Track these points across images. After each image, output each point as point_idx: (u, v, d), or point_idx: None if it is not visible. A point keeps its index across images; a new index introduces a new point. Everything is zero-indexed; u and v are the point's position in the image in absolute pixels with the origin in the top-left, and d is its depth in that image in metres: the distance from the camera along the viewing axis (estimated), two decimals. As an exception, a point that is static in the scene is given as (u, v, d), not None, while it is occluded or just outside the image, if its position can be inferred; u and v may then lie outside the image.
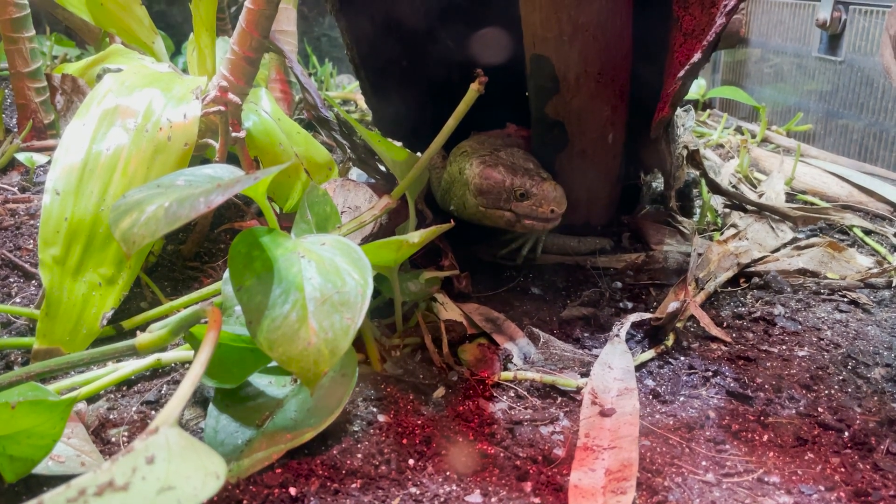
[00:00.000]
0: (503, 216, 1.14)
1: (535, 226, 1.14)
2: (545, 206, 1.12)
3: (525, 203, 1.12)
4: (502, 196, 1.13)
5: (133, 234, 0.64)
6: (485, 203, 1.14)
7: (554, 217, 1.12)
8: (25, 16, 1.30)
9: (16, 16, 1.29)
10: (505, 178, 1.13)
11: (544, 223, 1.13)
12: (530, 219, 1.13)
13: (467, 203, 1.18)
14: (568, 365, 1.03)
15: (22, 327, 0.98)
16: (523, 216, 1.13)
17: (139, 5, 1.53)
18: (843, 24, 1.85)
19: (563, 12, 1.11)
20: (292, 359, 0.71)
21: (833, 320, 1.15)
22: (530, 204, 1.12)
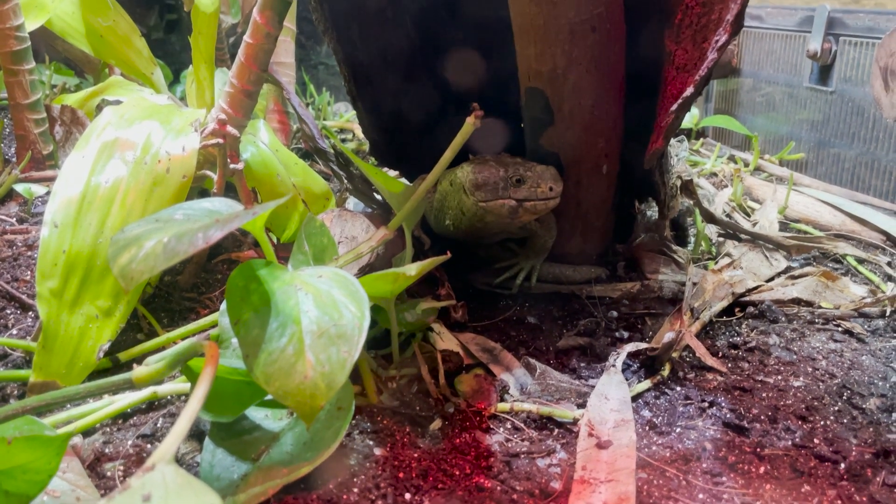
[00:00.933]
0: (504, 206, 1.14)
1: (537, 207, 1.14)
2: (542, 184, 1.13)
3: (522, 187, 1.13)
4: (499, 185, 1.14)
5: (131, 269, 0.64)
6: (483, 197, 1.14)
7: (553, 195, 1.14)
8: (26, 48, 1.32)
9: (16, 48, 1.30)
10: (498, 169, 1.14)
11: (545, 202, 1.14)
12: (531, 201, 1.13)
13: (465, 207, 1.18)
14: (564, 396, 1.03)
15: (18, 359, 0.98)
16: (524, 200, 1.13)
17: (139, 37, 1.55)
18: (834, 55, 1.88)
19: (557, 47, 1.13)
20: (289, 393, 0.71)
21: (828, 350, 1.15)
22: (528, 187, 1.13)
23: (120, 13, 1.53)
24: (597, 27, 1.10)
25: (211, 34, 1.17)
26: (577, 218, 1.32)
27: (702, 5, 1.04)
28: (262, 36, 1.05)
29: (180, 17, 3.05)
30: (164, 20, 3.05)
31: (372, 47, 1.33)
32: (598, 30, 1.10)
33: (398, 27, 1.33)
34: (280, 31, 1.08)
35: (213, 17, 1.15)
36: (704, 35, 1.03)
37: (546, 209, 1.16)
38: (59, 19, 1.49)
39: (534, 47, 1.14)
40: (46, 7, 1.38)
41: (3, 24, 1.28)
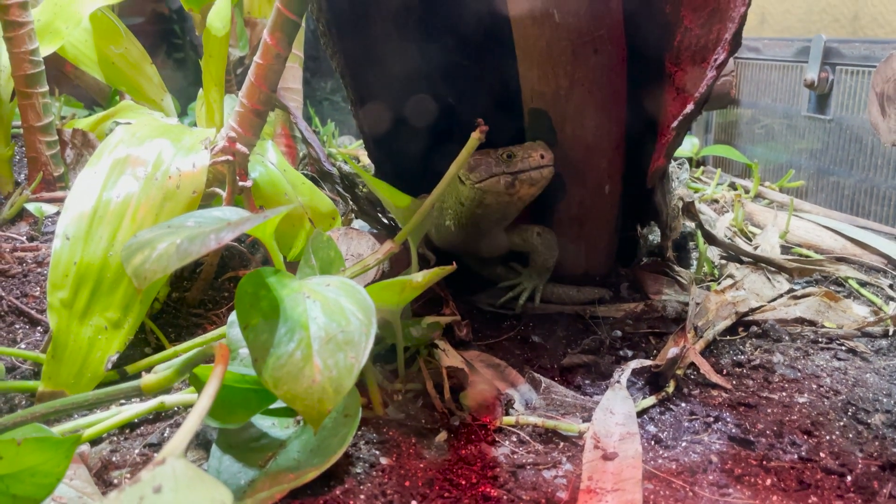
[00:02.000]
0: (499, 181, 1.15)
1: (532, 176, 1.15)
2: (533, 154, 1.15)
3: (514, 161, 1.15)
4: (491, 164, 1.16)
5: (145, 269, 0.65)
6: (478, 177, 1.16)
7: (546, 162, 1.15)
8: (40, 72, 1.35)
9: (30, 72, 1.33)
10: (488, 152, 1.16)
11: (539, 171, 1.15)
12: (525, 171, 1.15)
13: (462, 196, 1.20)
14: (569, 410, 1.03)
15: (27, 372, 0.99)
16: (518, 172, 1.15)
17: (149, 64, 1.58)
18: (831, 84, 1.91)
19: (559, 68, 1.15)
20: (297, 396, 0.71)
21: (832, 368, 1.16)
22: (519, 159, 1.15)
23: (132, 41, 1.56)
24: (598, 49, 1.13)
25: (222, 57, 1.20)
26: (580, 238, 1.34)
27: (700, 26, 1.07)
28: (271, 57, 1.08)
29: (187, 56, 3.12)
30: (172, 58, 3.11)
31: (378, 70, 1.36)
32: (599, 51, 1.13)
33: (403, 51, 1.36)
34: (289, 53, 1.11)
35: (223, 41, 1.18)
36: (703, 55, 1.06)
37: (542, 178, 1.17)
38: (72, 46, 1.52)
39: (537, 69, 1.16)
40: (61, 33, 1.41)
41: (19, 48, 1.31)
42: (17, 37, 1.31)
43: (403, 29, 1.35)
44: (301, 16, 1.07)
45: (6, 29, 1.31)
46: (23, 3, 1.31)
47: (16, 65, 1.33)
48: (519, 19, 1.14)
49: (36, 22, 1.35)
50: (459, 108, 1.40)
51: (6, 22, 1.31)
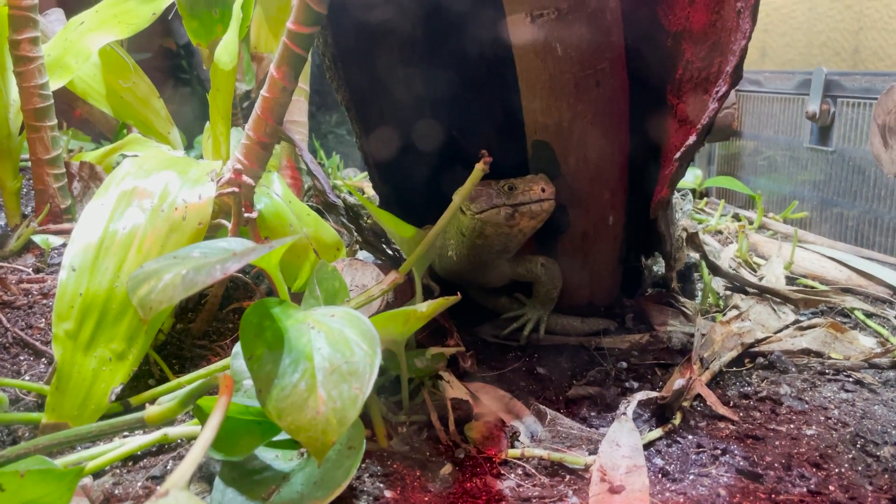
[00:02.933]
0: (499, 212, 1.16)
1: (532, 209, 1.16)
2: (534, 187, 1.16)
3: (515, 193, 1.16)
4: (492, 194, 1.17)
5: (150, 299, 0.66)
6: (479, 208, 1.17)
7: (546, 196, 1.16)
8: (49, 105, 1.37)
9: (39, 105, 1.35)
10: (489, 183, 1.18)
11: (540, 204, 1.16)
12: (525, 204, 1.15)
13: (463, 227, 1.21)
14: (575, 443, 1.02)
15: (30, 403, 0.99)
16: (519, 204, 1.16)
17: (157, 98, 1.60)
18: (833, 116, 1.93)
19: (562, 100, 1.16)
20: (301, 428, 0.71)
21: (839, 400, 1.15)
22: (520, 192, 1.16)
23: (140, 75, 1.59)
24: (601, 81, 1.14)
25: (229, 90, 1.21)
26: (584, 269, 1.34)
27: (701, 59, 1.08)
28: (278, 90, 1.09)
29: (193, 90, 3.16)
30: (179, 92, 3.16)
31: (382, 103, 1.38)
32: (601, 84, 1.14)
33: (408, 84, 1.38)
34: (295, 87, 1.12)
35: (230, 75, 1.20)
36: (705, 87, 1.07)
37: (542, 212, 1.17)
38: (80, 80, 1.54)
39: (540, 101, 1.18)
40: (71, 68, 1.43)
41: (29, 82, 1.33)
42: (28, 71, 1.33)
43: (408, 62, 1.37)
44: (307, 50, 1.08)
45: (17, 63, 1.33)
46: (33, 38, 1.33)
47: (25, 99, 1.35)
48: (522, 53, 1.15)
49: (46, 57, 1.38)
50: (463, 139, 1.42)
51: (17, 57, 1.33)
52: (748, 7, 0.94)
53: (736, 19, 0.98)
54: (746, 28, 0.95)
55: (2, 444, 0.94)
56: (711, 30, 1.05)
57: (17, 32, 1.31)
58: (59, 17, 1.72)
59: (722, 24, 1.03)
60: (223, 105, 1.22)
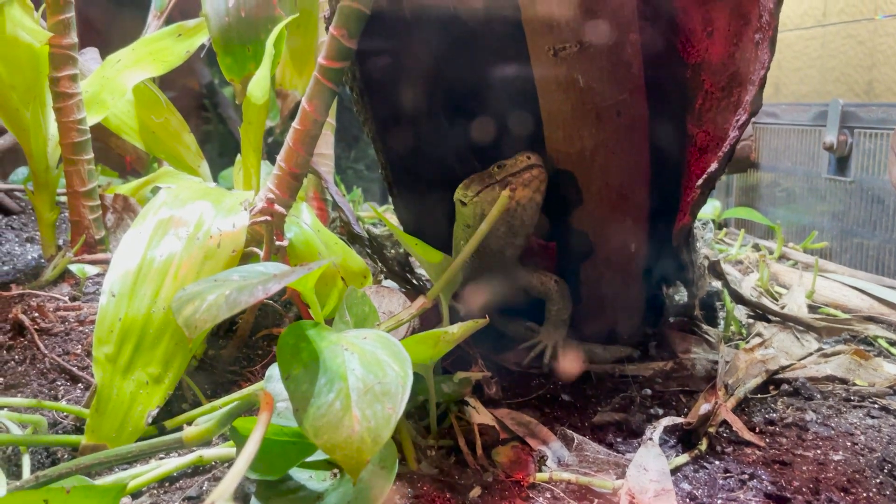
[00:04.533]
0: (495, 189, 1.19)
1: (524, 178, 1.19)
2: (519, 159, 1.20)
3: (504, 168, 1.20)
4: (484, 177, 1.22)
5: (195, 319, 0.68)
6: (475, 190, 1.21)
7: (533, 163, 1.19)
8: (86, 140, 1.42)
9: (77, 140, 1.40)
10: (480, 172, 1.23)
11: (530, 171, 1.19)
12: (514, 176, 1.19)
13: (466, 218, 1.25)
14: (602, 468, 1.03)
15: (68, 427, 1.01)
16: (508, 177, 1.19)
17: (188, 132, 1.65)
18: (850, 147, 1.95)
19: (584, 130, 1.19)
20: (336, 446, 0.73)
21: (865, 426, 1.15)
22: (508, 166, 1.20)
23: (171, 111, 1.64)
24: (622, 112, 1.17)
25: (260, 124, 1.26)
26: (606, 296, 1.35)
27: (721, 90, 1.11)
28: (309, 122, 1.13)
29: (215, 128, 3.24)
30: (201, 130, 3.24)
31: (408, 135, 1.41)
32: (622, 114, 1.17)
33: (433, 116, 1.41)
34: (325, 119, 1.16)
35: (262, 109, 1.24)
36: (725, 117, 1.09)
37: (534, 178, 1.19)
38: (115, 116, 1.60)
39: (562, 131, 1.21)
40: (107, 104, 1.49)
41: (67, 117, 1.38)
42: (66, 107, 1.38)
43: (432, 94, 1.40)
44: (338, 84, 1.12)
45: (56, 100, 1.38)
46: (73, 75, 1.39)
47: (63, 133, 1.40)
48: (545, 85, 1.18)
49: (84, 93, 1.43)
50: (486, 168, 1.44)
51: (56, 93, 1.38)
52: (766, 38, 0.97)
53: (754, 50, 1.01)
54: (765, 59, 0.98)
55: (42, 465, 0.96)
56: (730, 61, 1.08)
57: (58, 70, 1.37)
58: (94, 56, 1.79)
59: (741, 55, 1.06)
60: (255, 138, 1.26)
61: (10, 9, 1.29)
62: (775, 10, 0.96)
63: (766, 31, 0.97)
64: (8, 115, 1.40)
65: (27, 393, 1.08)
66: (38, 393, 1.08)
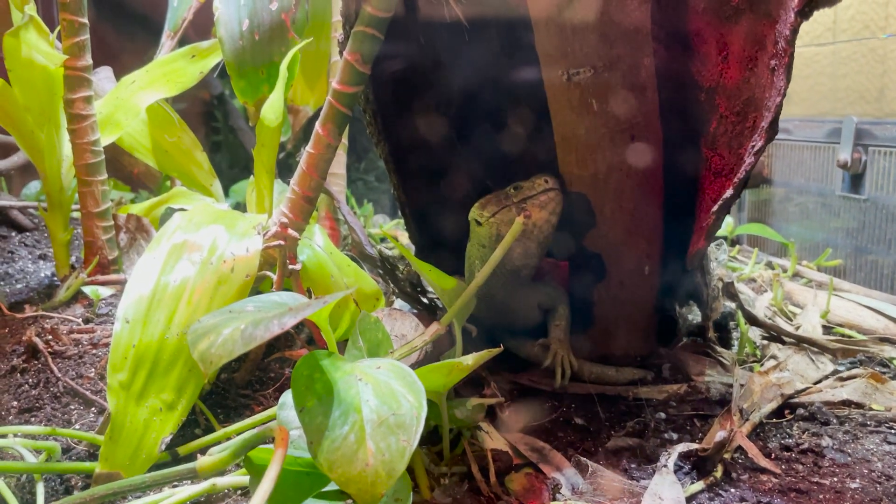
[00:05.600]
0: (510, 212, 1.20)
1: (541, 201, 1.19)
2: (537, 182, 1.20)
3: (521, 190, 1.21)
4: (501, 198, 1.22)
5: (211, 354, 0.68)
6: (492, 211, 1.22)
7: (551, 186, 1.20)
8: (100, 161, 1.42)
9: (91, 161, 1.41)
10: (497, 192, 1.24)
11: (547, 194, 1.20)
12: (529, 199, 1.19)
13: (482, 239, 1.25)
14: (617, 496, 1.02)
15: (82, 453, 1.01)
16: (523, 200, 1.20)
17: (200, 151, 1.66)
18: (864, 165, 1.93)
19: (597, 153, 1.19)
20: (351, 480, 0.72)
21: (882, 452, 1.13)
22: (525, 189, 1.21)
23: (184, 129, 1.64)
24: (636, 135, 1.17)
25: (273, 146, 1.26)
26: (619, 318, 1.35)
27: (736, 114, 1.10)
28: (323, 146, 1.14)
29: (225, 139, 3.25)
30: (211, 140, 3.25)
31: (421, 156, 1.42)
32: (636, 137, 1.17)
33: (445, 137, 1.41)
34: (339, 143, 1.16)
35: (276, 131, 1.25)
36: (740, 141, 1.09)
37: (551, 201, 1.20)
38: (128, 136, 1.60)
39: (575, 153, 1.20)
40: (121, 124, 1.49)
41: (82, 138, 1.39)
42: (81, 129, 1.39)
43: (445, 117, 1.41)
44: (351, 108, 1.13)
45: (70, 121, 1.39)
46: (87, 97, 1.40)
47: (78, 154, 1.40)
48: (558, 108, 1.18)
49: (98, 114, 1.44)
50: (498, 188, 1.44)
51: (70, 115, 1.39)
52: (782, 65, 0.97)
53: (770, 76, 1.00)
54: (781, 85, 0.97)
55: (56, 492, 0.96)
56: (745, 86, 1.08)
57: (73, 92, 1.38)
58: (107, 75, 1.80)
59: (756, 80, 1.05)
60: (268, 160, 1.27)
61: (26, 32, 1.30)
62: (791, 37, 0.95)
63: (783, 57, 0.96)
64: (23, 136, 1.41)
65: (41, 417, 1.08)
66: (51, 417, 1.08)
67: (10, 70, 1.35)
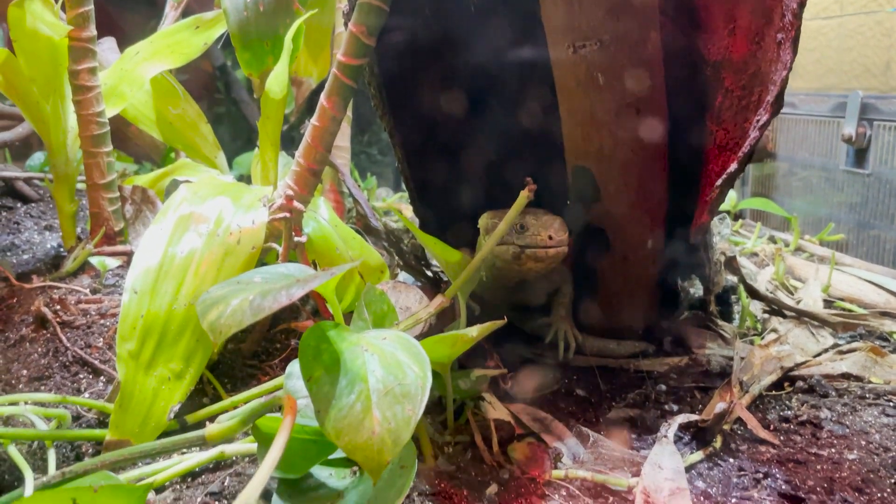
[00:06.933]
0: (508, 250, 1.17)
1: (537, 254, 1.16)
2: (543, 233, 1.16)
3: (525, 234, 1.16)
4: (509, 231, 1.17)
5: (220, 324, 0.69)
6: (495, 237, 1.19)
7: (553, 244, 1.16)
8: (105, 133, 1.42)
9: (96, 132, 1.41)
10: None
11: (545, 250, 1.16)
12: (531, 248, 1.16)
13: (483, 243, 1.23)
14: (618, 465, 1.04)
15: (91, 420, 1.03)
16: (525, 247, 1.16)
17: (205, 123, 1.66)
18: (869, 139, 1.93)
19: (603, 128, 1.19)
20: (357, 447, 0.74)
21: (880, 424, 1.15)
22: (530, 234, 1.16)
23: (189, 101, 1.64)
24: (641, 110, 1.17)
25: (278, 119, 1.26)
26: (622, 293, 1.36)
27: (742, 88, 1.10)
28: (328, 119, 1.14)
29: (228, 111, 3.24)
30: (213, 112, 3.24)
31: (425, 130, 1.42)
32: (642, 112, 1.17)
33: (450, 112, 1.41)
34: (344, 116, 1.16)
35: (280, 104, 1.25)
36: (745, 116, 1.09)
37: (547, 258, 1.17)
38: (133, 108, 1.60)
39: (581, 129, 1.20)
40: (125, 96, 1.49)
41: (87, 110, 1.39)
42: (86, 100, 1.39)
43: (450, 91, 1.40)
44: (356, 81, 1.13)
45: (76, 93, 1.39)
46: (91, 68, 1.39)
47: (83, 126, 1.40)
48: (564, 82, 1.18)
49: (102, 85, 1.43)
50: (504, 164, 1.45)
51: (76, 86, 1.39)
52: (789, 38, 0.97)
53: (777, 50, 1.00)
54: (787, 59, 0.97)
55: (67, 458, 0.98)
56: (752, 60, 1.08)
57: (77, 63, 1.38)
58: (111, 46, 1.79)
59: (762, 54, 1.05)
60: (272, 132, 1.27)
61: (31, 3, 1.29)
62: (799, 10, 0.95)
63: (789, 31, 0.96)
64: (28, 107, 1.41)
65: (50, 385, 1.10)
66: (61, 386, 1.09)
67: (15, 41, 1.34)
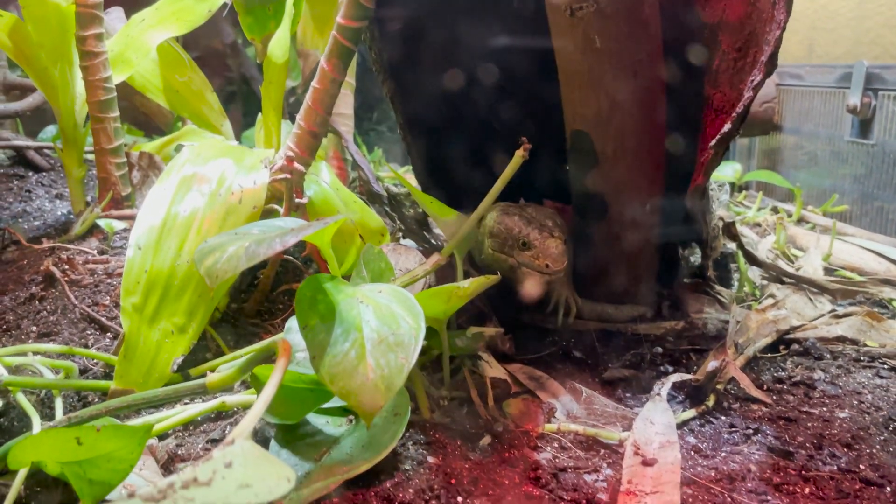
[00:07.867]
0: (506, 261, 1.20)
1: (534, 277, 1.19)
2: (542, 259, 1.17)
3: (526, 253, 1.18)
4: (508, 242, 1.20)
5: (216, 269, 0.72)
6: (493, 245, 1.22)
7: (549, 271, 1.17)
8: (112, 98, 1.45)
9: (103, 98, 1.43)
10: (515, 226, 1.19)
11: (542, 277, 1.19)
12: (526, 266, 1.18)
13: (483, 246, 1.25)
14: (610, 420, 1.06)
15: (98, 373, 1.06)
16: (522, 264, 1.18)
17: (211, 92, 1.67)
18: (874, 110, 1.92)
19: (601, 91, 1.20)
20: (351, 392, 0.76)
21: (873, 385, 1.16)
22: (530, 255, 1.18)
23: (195, 70, 1.66)
24: (638, 72, 1.17)
25: (280, 83, 1.28)
26: (620, 257, 1.37)
27: (737, 50, 1.11)
28: (328, 81, 1.15)
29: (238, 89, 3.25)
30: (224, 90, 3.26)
31: (426, 95, 1.43)
32: (639, 75, 1.18)
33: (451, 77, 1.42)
34: (344, 78, 1.18)
35: (283, 68, 1.26)
36: (741, 77, 1.10)
37: (543, 283, 1.21)
38: (139, 76, 1.62)
39: (579, 92, 1.21)
40: (132, 63, 1.51)
41: (94, 76, 1.41)
42: (93, 66, 1.41)
43: (451, 56, 1.41)
44: (356, 43, 1.14)
45: (83, 58, 1.41)
46: (98, 34, 1.41)
47: (90, 91, 1.43)
48: (562, 45, 1.19)
49: (109, 52, 1.46)
50: (505, 130, 1.46)
51: (83, 52, 1.41)
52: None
53: (771, 10, 1.00)
54: (781, 18, 0.97)
55: (74, 408, 1.01)
56: (748, 21, 1.08)
57: (84, 29, 1.40)
58: (118, 15, 1.81)
59: (758, 15, 1.05)
60: (275, 97, 1.29)
61: (38, -32, 1.31)
62: (793, -31, 0.95)
63: (784, -10, 0.96)
64: (37, 73, 1.43)
65: (59, 341, 1.13)
66: (69, 341, 1.13)
67: (23, 7, 1.37)
